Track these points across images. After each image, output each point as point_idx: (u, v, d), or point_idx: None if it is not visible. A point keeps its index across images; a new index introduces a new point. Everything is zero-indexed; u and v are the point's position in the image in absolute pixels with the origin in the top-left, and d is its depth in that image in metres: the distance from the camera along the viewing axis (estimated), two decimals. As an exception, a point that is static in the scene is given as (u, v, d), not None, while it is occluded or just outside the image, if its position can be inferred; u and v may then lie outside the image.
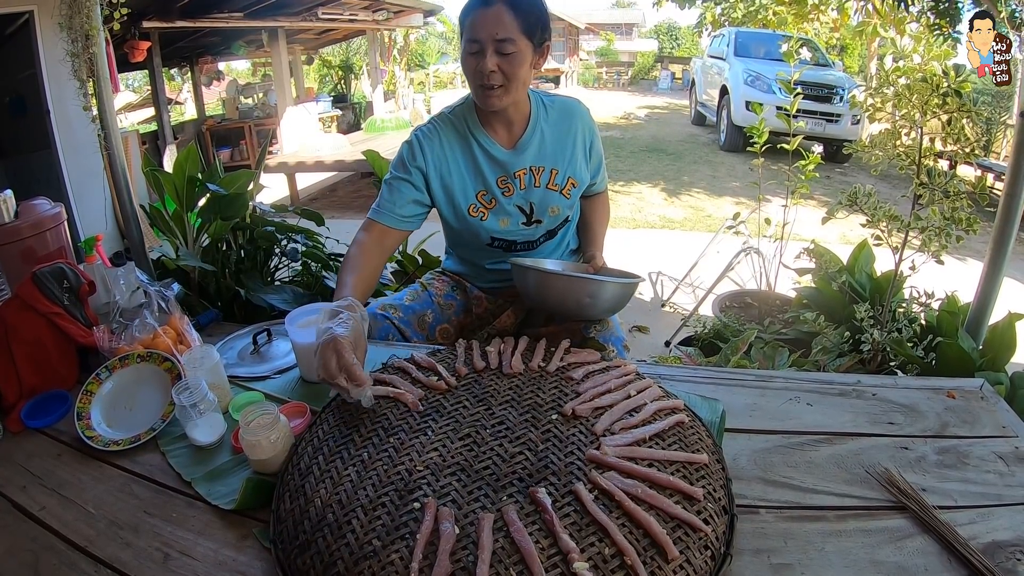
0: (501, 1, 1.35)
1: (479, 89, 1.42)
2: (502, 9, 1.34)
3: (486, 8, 1.35)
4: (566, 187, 1.58)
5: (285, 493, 0.95)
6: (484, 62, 1.36)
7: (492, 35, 1.35)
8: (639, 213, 6.08)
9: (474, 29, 1.36)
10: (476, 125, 1.54)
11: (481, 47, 1.37)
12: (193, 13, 6.20)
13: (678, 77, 22.53)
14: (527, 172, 1.54)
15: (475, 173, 1.55)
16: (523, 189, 1.56)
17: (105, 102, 2.08)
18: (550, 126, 1.58)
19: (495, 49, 1.36)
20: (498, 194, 1.55)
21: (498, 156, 1.53)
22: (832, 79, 8.21)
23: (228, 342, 1.59)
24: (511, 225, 1.59)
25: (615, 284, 1.37)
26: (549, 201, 1.58)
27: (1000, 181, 4.38)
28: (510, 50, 1.36)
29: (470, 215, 1.56)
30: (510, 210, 1.57)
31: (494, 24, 1.34)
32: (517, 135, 1.55)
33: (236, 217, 2.12)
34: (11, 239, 1.83)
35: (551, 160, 1.56)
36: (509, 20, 1.34)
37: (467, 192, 1.55)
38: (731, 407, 1.23)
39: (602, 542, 0.80)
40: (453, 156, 1.54)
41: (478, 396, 1.13)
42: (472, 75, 1.42)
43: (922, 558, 0.87)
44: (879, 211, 1.78)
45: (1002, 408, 1.24)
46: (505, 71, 1.38)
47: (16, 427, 1.25)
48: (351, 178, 8.10)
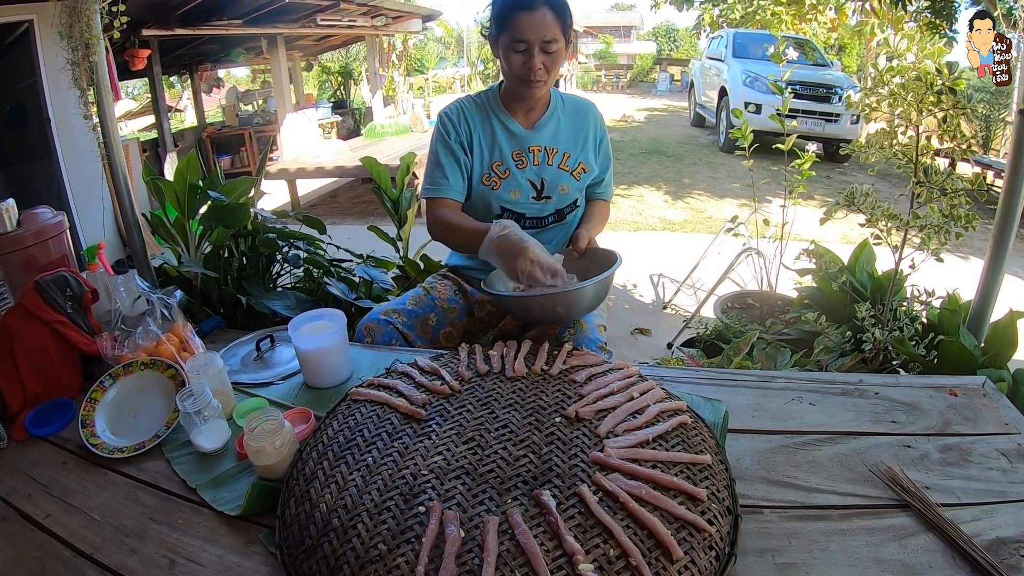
0: (545, 5, 1.46)
1: (524, 83, 1.55)
2: (547, 12, 1.47)
3: (532, 11, 1.46)
4: (577, 170, 1.70)
5: (290, 498, 0.96)
6: (532, 60, 1.49)
7: (540, 37, 1.47)
8: (640, 215, 6.09)
9: (522, 30, 1.47)
10: (499, 107, 1.68)
11: (528, 47, 1.49)
12: (192, 21, 6.22)
13: (677, 79, 22.54)
14: (541, 150, 1.67)
15: (492, 144, 1.66)
16: (536, 165, 1.67)
17: (106, 110, 2.08)
18: (567, 117, 1.72)
19: (542, 48, 1.49)
20: (512, 166, 1.66)
21: (516, 131, 1.67)
22: (830, 79, 8.21)
23: (231, 349, 1.59)
24: (521, 197, 1.68)
25: (586, 288, 1.35)
26: (560, 180, 1.69)
27: (1000, 178, 4.38)
28: (554, 49, 1.50)
29: (483, 183, 1.66)
30: (522, 183, 1.67)
31: (541, 27, 1.46)
32: (535, 118, 1.69)
33: (238, 224, 2.12)
34: (14, 248, 1.84)
35: (564, 144, 1.69)
36: (552, 22, 1.47)
37: (484, 162, 1.66)
38: (734, 408, 1.23)
39: (607, 543, 0.81)
40: (474, 128, 1.66)
41: (481, 400, 1.13)
42: (518, 70, 1.53)
43: (926, 556, 0.87)
44: (878, 210, 1.79)
45: (1004, 405, 1.24)
46: (548, 67, 1.53)
47: (21, 435, 1.26)
48: (351, 184, 8.10)
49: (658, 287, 4.25)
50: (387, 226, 2.65)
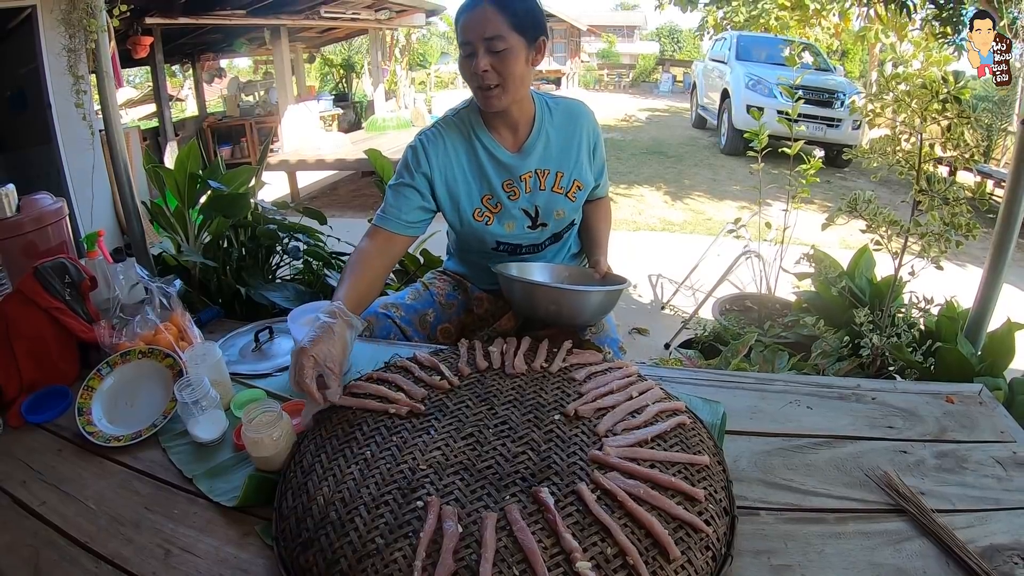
0: (486, 1, 1.35)
1: (477, 91, 1.43)
2: (487, 8, 1.35)
3: (472, 10, 1.36)
4: (571, 190, 1.57)
5: (288, 491, 0.95)
6: (477, 62, 1.37)
7: (481, 34, 1.35)
8: (640, 215, 6.09)
9: (465, 31, 1.38)
10: (480, 127, 1.53)
11: (473, 48, 1.37)
12: (195, 10, 6.20)
13: (679, 80, 22.57)
14: (532, 175, 1.54)
15: (480, 177, 1.53)
16: (528, 192, 1.55)
17: (108, 98, 2.08)
18: (555, 128, 1.57)
19: (486, 48, 1.36)
20: (503, 198, 1.54)
21: (503, 159, 1.52)
22: (833, 84, 8.22)
23: (230, 339, 1.59)
24: (516, 229, 1.58)
25: (594, 293, 1.38)
26: (554, 204, 1.57)
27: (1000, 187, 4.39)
28: (500, 47, 1.36)
29: (475, 220, 1.55)
30: (515, 214, 1.56)
31: (481, 24, 1.35)
32: (522, 138, 1.54)
33: (238, 215, 2.12)
34: (13, 233, 1.82)
35: (556, 163, 1.56)
36: (496, 18, 1.35)
37: (472, 197, 1.53)
38: (732, 409, 1.24)
39: (604, 542, 0.81)
40: (458, 160, 1.52)
41: (481, 396, 1.13)
42: (469, 77, 1.42)
43: (920, 560, 0.88)
44: (879, 217, 1.79)
45: (1000, 413, 1.24)
46: (499, 70, 1.38)
47: (16, 422, 1.25)
48: (351, 177, 8.09)
49: (657, 287, 4.25)
50: (387, 220, 2.64)
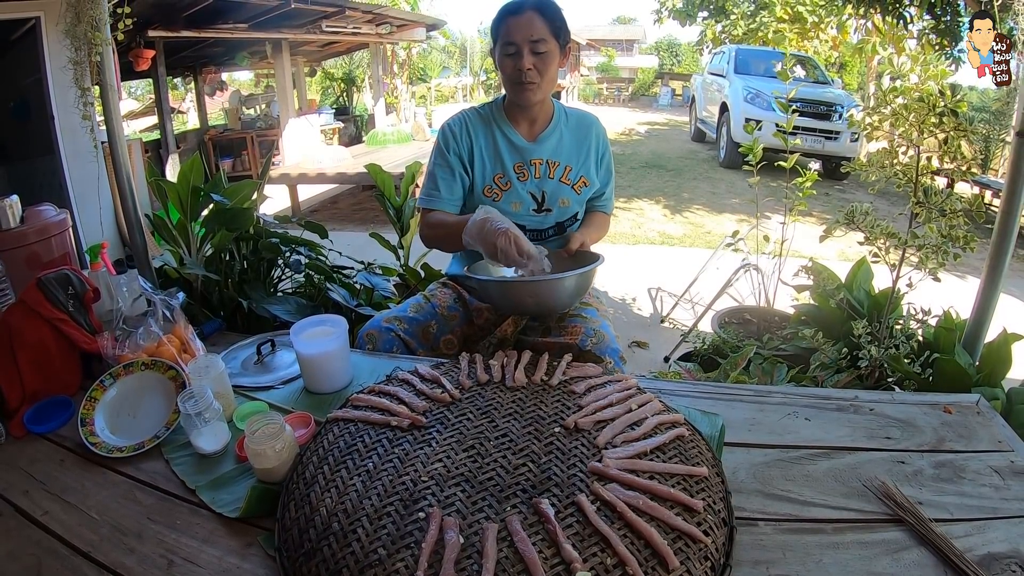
0: (531, 8, 1.52)
1: (517, 86, 1.58)
2: (533, 14, 1.52)
3: (519, 15, 1.53)
4: (578, 183, 1.72)
5: (290, 501, 0.96)
6: (522, 61, 1.53)
7: (527, 37, 1.52)
8: (639, 229, 6.11)
9: (510, 33, 1.54)
10: (502, 118, 1.70)
11: (517, 49, 1.54)
12: (198, 23, 6.25)
13: (678, 93, 22.67)
14: (543, 163, 1.69)
15: (495, 157, 1.69)
16: (538, 178, 1.69)
17: (112, 110, 2.09)
18: (569, 130, 1.74)
19: (530, 50, 1.53)
20: (513, 178, 1.68)
21: (518, 143, 1.69)
22: (831, 96, 8.27)
23: (232, 352, 1.60)
24: (522, 210, 1.70)
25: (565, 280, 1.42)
26: (561, 193, 1.71)
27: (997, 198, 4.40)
28: (543, 49, 1.54)
29: (484, 195, 1.69)
30: (523, 195, 1.69)
31: (527, 28, 1.52)
32: (539, 130, 1.71)
33: (241, 228, 2.13)
34: (17, 244, 1.84)
35: (566, 158, 1.71)
36: (540, 23, 1.52)
37: (485, 174, 1.68)
38: (730, 421, 1.24)
39: (604, 552, 0.81)
40: (476, 141, 1.69)
41: (482, 408, 1.14)
42: (510, 74, 1.58)
43: (919, 570, 0.88)
44: (876, 229, 1.80)
45: (998, 423, 1.25)
46: (539, 68, 1.56)
47: (19, 432, 1.26)
48: (352, 190, 8.13)
49: (656, 300, 4.26)
50: (388, 233, 2.67)
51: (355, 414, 1.13)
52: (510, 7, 1.56)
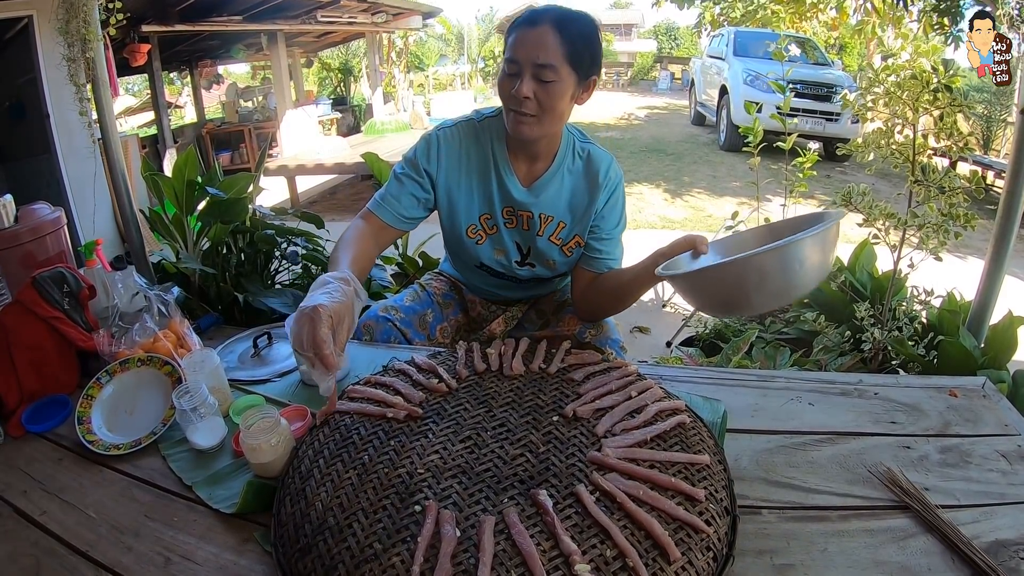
0: (548, 22, 1.23)
1: (510, 114, 1.31)
2: (548, 31, 1.22)
3: (530, 28, 1.24)
4: (570, 243, 1.49)
5: (286, 497, 0.95)
6: (520, 86, 1.24)
7: (532, 58, 1.23)
8: (640, 213, 6.08)
9: (515, 49, 1.25)
10: (501, 146, 1.43)
11: (519, 69, 1.25)
12: (192, 17, 6.20)
13: (677, 77, 22.49)
14: (534, 217, 1.46)
15: (484, 197, 1.46)
16: (526, 229, 1.48)
17: (105, 106, 2.08)
18: (572, 177, 1.46)
19: (533, 74, 1.24)
20: (501, 223, 1.48)
21: (511, 191, 1.44)
22: (831, 78, 8.22)
23: (228, 346, 1.58)
24: (505, 259, 1.53)
25: (813, 235, 1.01)
26: (549, 254, 1.50)
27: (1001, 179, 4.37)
28: (550, 78, 1.24)
29: (467, 236, 1.49)
30: (508, 243, 1.51)
31: (536, 46, 1.22)
32: (537, 173, 1.44)
33: (236, 220, 2.12)
34: (11, 244, 1.83)
35: (562, 212, 1.46)
36: (553, 44, 1.22)
37: (471, 212, 1.48)
38: (732, 407, 1.23)
39: (604, 544, 0.80)
40: (468, 170, 1.45)
41: (479, 398, 1.13)
42: (506, 98, 1.30)
43: (925, 558, 0.87)
44: (875, 209, 1.78)
45: (1004, 406, 1.23)
46: (541, 99, 1.26)
47: (17, 431, 1.25)
48: (351, 181, 8.10)
49: (658, 286, 4.24)
50: (386, 223, 2.65)
51: (351, 406, 1.11)
52: (526, 14, 1.26)
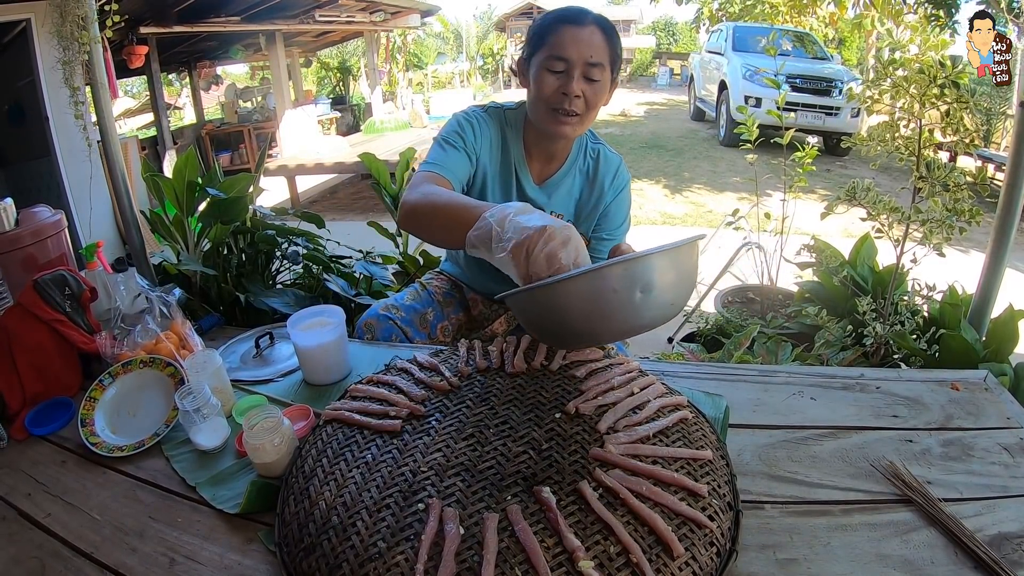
0: (593, 22, 1.25)
1: (553, 113, 1.29)
2: (596, 31, 1.24)
3: (579, 26, 1.24)
4: None
5: (289, 496, 0.95)
6: (571, 84, 1.24)
7: (585, 57, 1.23)
8: (640, 210, 6.07)
9: (564, 46, 1.24)
10: (518, 144, 1.44)
11: (568, 67, 1.24)
12: (190, 18, 6.20)
13: (676, 73, 22.45)
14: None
15: (504, 191, 1.49)
16: None
17: (104, 108, 2.08)
18: (583, 177, 1.49)
19: (584, 73, 1.25)
20: None
21: (526, 188, 1.47)
22: (830, 72, 8.20)
23: (230, 346, 1.59)
24: None
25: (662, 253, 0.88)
26: None
27: (1001, 172, 4.37)
28: (598, 77, 1.26)
29: None
30: None
31: (587, 45, 1.23)
32: (550, 172, 1.47)
33: (236, 221, 2.12)
34: (12, 247, 1.83)
35: (572, 211, 1.51)
36: (601, 43, 1.24)
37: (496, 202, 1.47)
38: (734, 403, 1.23)
39: (607, 540, 0.80)
40: (492, 159, 1.46)
41: (481, 396, 1.13)
42: (549, 96, 1.28)
43: (928, 551, 0.87)
44: (879, 204, 1.78)
45: (1006, 399, 1.23)
46: (588, 99, 1.27)
47: (20, 435, 1.25)
48: (351, 180, 8.10)
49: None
50: (387, 222, 2.65)
51: (354, 405, 1.11)
52: (568, 13, 1.25)
